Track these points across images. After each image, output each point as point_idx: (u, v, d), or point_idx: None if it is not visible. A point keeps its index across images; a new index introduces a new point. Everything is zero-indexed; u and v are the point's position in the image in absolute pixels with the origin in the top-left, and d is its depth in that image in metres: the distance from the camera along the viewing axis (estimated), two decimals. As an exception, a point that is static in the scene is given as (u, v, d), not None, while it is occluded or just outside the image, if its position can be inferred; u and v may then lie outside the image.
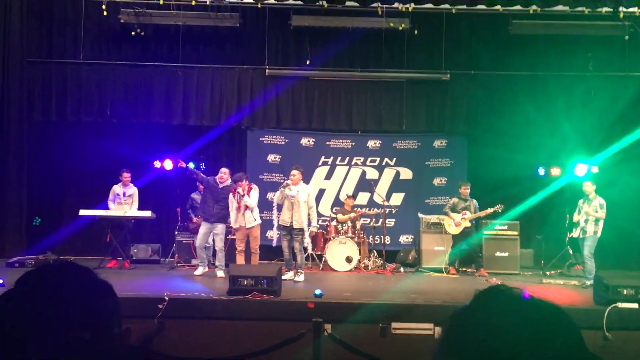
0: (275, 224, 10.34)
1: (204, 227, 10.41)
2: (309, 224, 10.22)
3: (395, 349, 7.38)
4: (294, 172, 10.14)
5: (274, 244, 10.50)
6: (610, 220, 10.22)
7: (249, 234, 10.35)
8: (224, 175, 10.51)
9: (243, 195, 10.09)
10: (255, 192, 10.29)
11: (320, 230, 11.84)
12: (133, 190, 11.51)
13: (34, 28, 12.40)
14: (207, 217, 10.42)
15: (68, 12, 12.44)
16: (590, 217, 9.95)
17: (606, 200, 10.02)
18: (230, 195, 10.39)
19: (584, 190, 10.19)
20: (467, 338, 1.11)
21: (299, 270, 10.08)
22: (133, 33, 12.27)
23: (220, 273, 10.12)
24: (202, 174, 10.90)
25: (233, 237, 10.78)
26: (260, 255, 10.55)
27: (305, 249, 10.43)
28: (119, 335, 1.30)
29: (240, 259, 10.31)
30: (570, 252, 11.49)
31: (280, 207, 10.26)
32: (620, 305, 7.49)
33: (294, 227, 10.00)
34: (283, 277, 9.00)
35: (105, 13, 11.84)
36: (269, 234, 12.54)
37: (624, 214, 11.05)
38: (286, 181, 10.25)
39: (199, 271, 10.33)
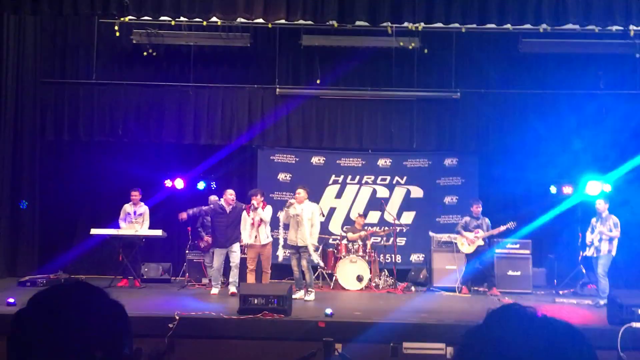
0: (281, 242, 10.41)
1: (219, 252, 10.45)
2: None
3: (406, 369, 7.32)
4: (299, 190, 10.25)
5: (280, 259, 10.52)
6: (624, 239, 10.16)
7: (261, 252, 10.36)
8: (230, 197, 10.58)
9: (257, 208, 10.14)
10: (269, 208, 10.39)
11: (331, 249, 11.82)
12: (144, 209, 11.55)
13: (47, 49, 12.54)
14: (223, 243, 10.47)
15: (81, 33, 12.58)
16: (604, 236, 9.90)
17: (619, 219, 9.96)
18: (245, 213, 10.43)
19: (596, 208, 10.15)
20: (480, 357, 1.10)
21: (309, 290, 10.05)
22: (145, 53, 12.37)
23: (232, 288, 10.12)
24: (203, 208, 10.98)
25: (244, 255, 10.76)
26: (271, 274, 10.54)
27: (315, 267, 10.39)
28: (129, 355, 1.29)
29: (251, 278, 10.30)
30: (584, 271, 11.38)
31: (286, 226, 10.33)
32: (635, 324, 7.41)
33: (299, 245, 10.03)
34: (294, 297, 8.98)
35: (117, 34, 11.94)
36: (280, 252, 12.55)
37: (637, 233, 10.96)
38: (289, 200, 10.30)
39: (215, 291, 10.35)
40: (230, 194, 10.65)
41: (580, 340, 1.11)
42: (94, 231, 11.14)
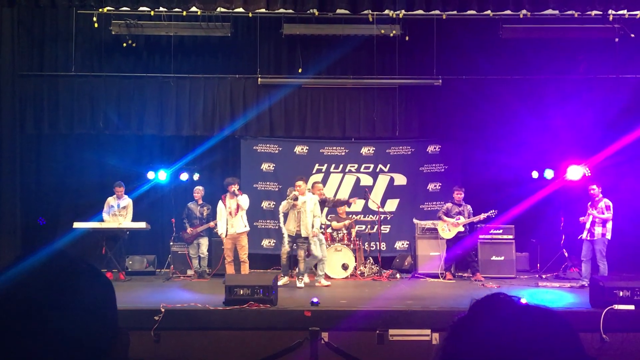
0: (285, 236, 10.39)
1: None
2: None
3: (392, 355, 7.37)
4: (299, 182, 10.36)
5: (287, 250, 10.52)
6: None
7: (236, 242, 10.42)
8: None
9: (237, 195, 10.21)
10: (246, 196, 10.46)
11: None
12: (127, 201, 11.50)
13: (25, 41, 12.38)
14: None
15: (59, 24, 12.42)
16: (597, 220, 10.07)
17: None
18: (220, 203, 10.50)
19: (590, 194, 10.31)
20: (465, 348, 1.10)
21: (299, 277, 10.14)
22: (124, 44, 12.26)
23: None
24: (219, 206, 10.85)
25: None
26: (256, 264, 10.58)
27: (317, 257, 10.43)
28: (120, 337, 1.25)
29: (230, 269, 10.33)
30: (566, 254, 11.51)
31: (285, 216, 10.36)
32: (617, 307, 7.50)
33: (301, 235, 10.09)
34: (278, 284, 9.02)
35: (96, 25, 11.81)
36: (265, 242, 12.57)
37: (618, 217, 11.08)
38: (293, 192, 10.33)
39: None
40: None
41: (563, 324, 1.12)
42: (76, 224, 11.06)
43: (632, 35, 11.58)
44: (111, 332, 1.21)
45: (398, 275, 11.61)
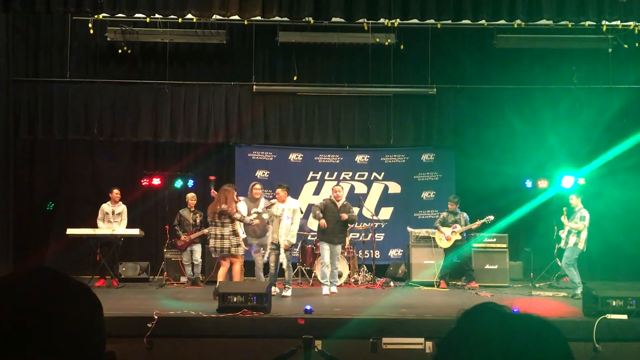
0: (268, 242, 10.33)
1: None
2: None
3: (386, 364, 7.35)
4: (278, 190, 10.20)
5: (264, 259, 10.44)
6: (597, 232, 10.33)
7: None
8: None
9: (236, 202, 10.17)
10: (243, 203, 10.37)
11: (310, 246, 11.82)
12: (122, 208, 11.48)
13: (20, 47, 12.38)
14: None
15: (55, 30, 12.43)
16: (573, 230, 10.09)
17: (592, 212, 10.12)
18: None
19: (570, 203, 10.32)
20: (457, 359, 1.11)
21: (286, 286, 10.07)
22: (120, 51, 12.28)
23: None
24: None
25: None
26: (249, 271, 10.52)
27: (294, 263, 10.37)
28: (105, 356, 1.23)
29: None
30: (559, 263, 11.52)
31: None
32: (610, 316, 7.51)
33: (280, 242, 10.00)
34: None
35: (92, 31, 11.82)
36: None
37: (610, 226, 11.14)
38: (271, 201, 10.29)
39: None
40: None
41: (554, 333, 1.12)
42: (70, 231, 11.02)
43: (625, 46, 11.65)
44: (98, 353, 1.20)
45: (392, 284, 11.60)
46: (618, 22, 10.88)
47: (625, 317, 7.57)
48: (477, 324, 1.13)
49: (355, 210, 12.35)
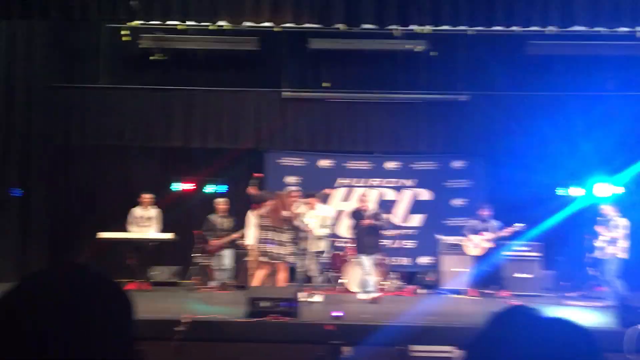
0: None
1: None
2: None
3: (415, 371, 7.30)
4: (309, 199, 10.26)
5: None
6: (633, 242, 10.14)
7: None
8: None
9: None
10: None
11: (339, 252, 11.81)
12: (154, 212, 11.60)
13: (56, 54, 12.60)
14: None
15: (89, 38, 12.63)
16: (608, 239, 9.96)
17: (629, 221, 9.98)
18: (249, 213, 10.55)
19: (601, 213, 10.19)
20: None
21: (313, 292, 10.09)
22: (152, 58, 12.43)
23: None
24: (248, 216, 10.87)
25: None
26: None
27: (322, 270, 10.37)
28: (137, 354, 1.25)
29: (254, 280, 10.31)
30: (592, 273, 11.33)
31: None
32: (644, 327, 7.37)
33: (309, 249, 10.04)
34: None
35: (125, 38, 12.00)
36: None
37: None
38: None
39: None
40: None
41: (587, 339, 1.11)
42: (101, 235, 11.17)
43: (661, 53, 11.45)
44: (128, 350, 1.21)
45: (421, 291, 11.52)
46: (653, 29, 10.70)
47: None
48: (508, 328, 1.12)
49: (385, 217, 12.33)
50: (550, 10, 9.56)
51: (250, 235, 10.59)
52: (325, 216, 10.27)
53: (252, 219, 10.59)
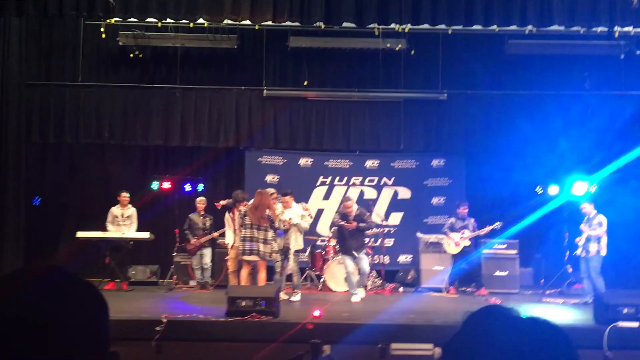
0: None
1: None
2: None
3: (394, 370, 7.32)
4: (285, 197, 10.30)
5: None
6: (608, 239, 10.25)
7: None
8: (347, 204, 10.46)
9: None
10: None
11: (319, 251, 11.82)
12: (132, 211, 11.54)
13: (32, 51, 12.45)
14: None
15: (67, 35, 12.50)
16: (592, 236, 10.04)
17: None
18: (229, 215, 10.50)
19: (582, 212, 10.28)
20: None
21: (295, 290, 10.07)
22: (131, 55, 12.33)
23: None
24: (227, 217, 10.88)
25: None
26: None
27: (303, 268, 10.35)
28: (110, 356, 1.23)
29: (233, 279, 10.29)
30: (570, 270, 11.44)
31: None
32: (621, 324, 7.45)
33: (289, 248, 10.01)
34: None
35: (103, 36, 11.90)
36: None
37: (622, 233, 11.03)
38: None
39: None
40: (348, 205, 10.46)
41: (562, 338, 1.11)
42: (80, 234, 11.08)
43: (638, 52, 11.59)
44: (102, 351, 1.20)
45: (401, 289, 11.56)
46: (630, 28, 10.82)
47: (636, 324, 7.51)
48: (483, 327, 1.12)
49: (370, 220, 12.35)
50: (528, 10, 9.64)
51: (229, 234, 10.59)
52: (302, 214, 10.26)
53: (229, 219, 10.60)
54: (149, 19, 10.65)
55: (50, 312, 1.13)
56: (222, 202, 10.90)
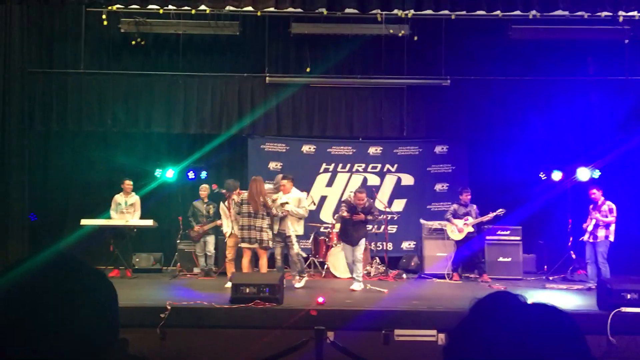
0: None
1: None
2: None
3: (398, 356, 7.35)
4: (283, 181, 10.24)
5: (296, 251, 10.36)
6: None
7: None
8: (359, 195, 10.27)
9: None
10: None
11: (323, 238, 11.83)
12: (135, 199, 11.55)
13: (35, 38, 12.42)
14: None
15: (69, 22, 12.45)
16: (600, 222, 10.06)
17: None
18: (223, 204, 10.54)
19: (591, 198, 10.28)
20: (469, 349, 1.09)
21: (299, 276, 10.07)
22: (133, 42, 12.30)
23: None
24: (222, 206, 10.93)
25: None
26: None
27: (307, 255, 10.36)
28: (119, 343, 1.24)
29: (230, 268, 10.30)
30: (573, 256, 11.46)
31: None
32: (624, 309, 7.46)
33: (287, 234, 9.98)
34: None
35: (105, 23, 11.85)
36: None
37: (624, 219, 11.03)
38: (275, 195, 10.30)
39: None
40: (360, 197, 10.24)
41: (570, 324, 1.11)
42: (84, 222, 11.10)
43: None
44: (111, 336, 1.20)
45: (404, 276, 11.58)
46: (635, 13, 10.75)
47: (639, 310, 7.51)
48: (491, 313, 1.12)
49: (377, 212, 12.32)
50: (532, -5, 9.57)
51: (226, 223, 10.63)
52: (301, 198, 10.25)
53: (224, 209, 10.66)
54: (150, 6, 10.59)
55: (62, 299, 1.14)
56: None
